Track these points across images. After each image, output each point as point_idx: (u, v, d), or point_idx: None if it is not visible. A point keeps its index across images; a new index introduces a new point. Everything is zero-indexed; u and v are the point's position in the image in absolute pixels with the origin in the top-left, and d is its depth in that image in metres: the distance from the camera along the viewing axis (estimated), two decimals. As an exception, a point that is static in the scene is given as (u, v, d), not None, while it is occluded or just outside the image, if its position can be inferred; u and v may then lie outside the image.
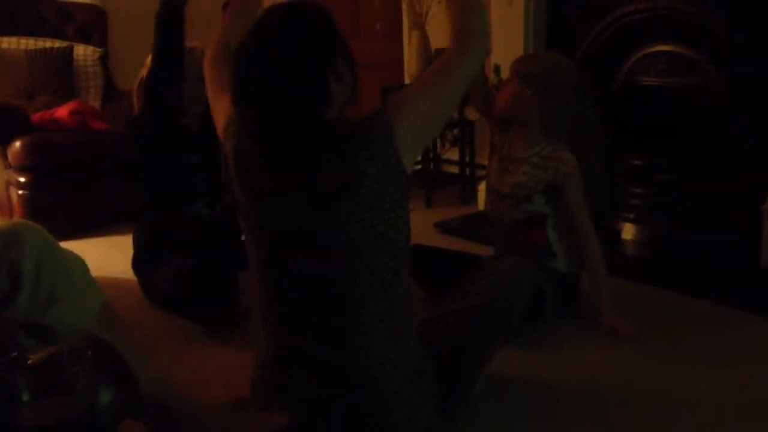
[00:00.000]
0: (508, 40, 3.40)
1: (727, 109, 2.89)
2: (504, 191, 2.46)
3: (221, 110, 1.67)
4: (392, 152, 1.48)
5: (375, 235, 1.49)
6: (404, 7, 4.29)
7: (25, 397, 1.12)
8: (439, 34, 4.22)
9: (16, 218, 3.46)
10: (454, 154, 4.04)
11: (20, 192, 3.49)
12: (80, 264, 1.36)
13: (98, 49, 4.22)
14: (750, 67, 2.78)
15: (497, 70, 3.50)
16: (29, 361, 1.15)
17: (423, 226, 3.45)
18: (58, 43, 4.13)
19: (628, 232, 3.09)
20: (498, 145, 2.55)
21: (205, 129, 2.65)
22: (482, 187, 3.75)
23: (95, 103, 4.06)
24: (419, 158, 3.61)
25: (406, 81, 4.33)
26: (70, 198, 3.58)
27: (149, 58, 2.61)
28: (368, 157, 1.46)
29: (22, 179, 3.48)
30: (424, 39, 4.15)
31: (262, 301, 1.60)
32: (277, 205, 1.53)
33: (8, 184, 3.55)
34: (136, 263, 2.72)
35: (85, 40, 4.26)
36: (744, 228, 2.80)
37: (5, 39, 4.05)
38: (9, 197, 3.56)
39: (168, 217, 2.64)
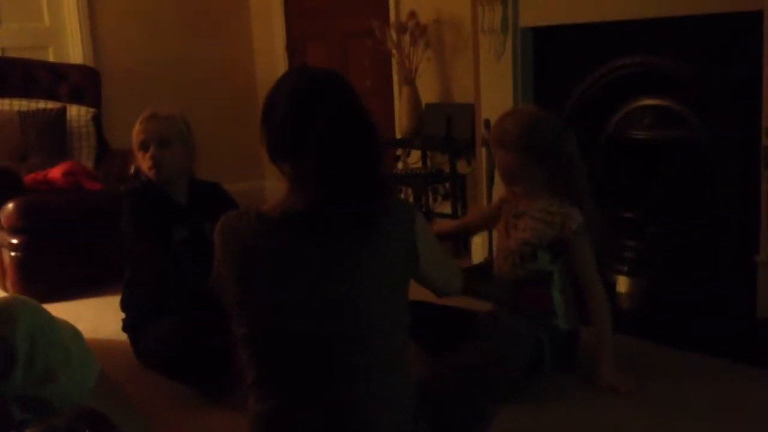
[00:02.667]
0: (497, 96, 3.44)
1: (713, 161, 2.92)
2: (510, 247, 2.46)
3: None
4: (408, 239, 1.57)
5: (378, 304, 1.53)
6: (394, 63, 4.35)
7: (20, 475, 1.11)
8: (428, 90, 4.28)
9: (9, 293, 3.45)
10: (446, 208, 4.05)
11: (12, 254, 3.47)
12: (76, 336, 1.36)
13: (91, 109, 4.25)
14: (733, 121, 2.82)
15: (487, 124, 3.54)
16: (24, 437, 1.14)
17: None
18: (51, 104, 4.15)
19: (622, 284, 3.09)
20: (504, 208, 2.57)
21: (194, 203, 2.65)
22: (476, 241, 3.76)
23: (88, 163, 4.07)
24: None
25: (397, 136, 4.37)
26: (63, 259, 3.56)
27: None
28: (386, 235, 1.54)
29: (14, 241, 3.47)
30: (414, 95, 4.21)
31: (257, 368, 1.60)
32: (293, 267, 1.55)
33: (0, 246, 3.54)
34: (128, 323, 2.69)
35: (79, 100, 4.29)
36: (737, 279, 2.80)
37: (-2, 100, 4.07)
38: (1, 259, 3.55)
39: (157, 291, 2.61)
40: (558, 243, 2.37)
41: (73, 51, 4.77)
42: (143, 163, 2.59)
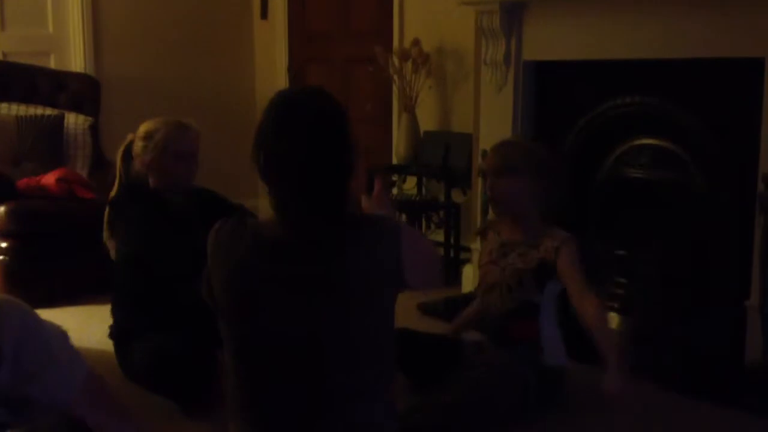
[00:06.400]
0: (496, 127, 3.45)
1: (707, 203, 2.93)
2: (497, 277, 2.45)
3: None
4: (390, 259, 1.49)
5: (365, 332, 1.49)
6: (395, 90, 4.37)
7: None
8: (428, 118, 4.30)
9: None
10: (439, 236, 4.05)
11: (0, 257, 3.45)
12: (62, 336, 1.34)
13: (89, 118, 4.24)
14: (726, 167, 2.84)
15: (485, 155, 3.54)
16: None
17: (405, 307, 3.42)
18: (49, 111, 4.15)
19: (612, 321, 3.09)
20: (489, 239, 2.57)
21: (190, 206, 2.65)
22: (467, 270, 3.76)
23: (83, 171, 4.06)
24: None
25: (394, 162, 4.37)
26: (51, 265, 3.54)
27: (141, 127, 2.62)
28: (366, 255, 1.47)
29: (3, 244, 3.45)
30: (413, 122, 4.22)
31: (240, 397, 1.58)
32: (277, 300, 1.52)
33: (-12, 248, 3.51)
34: (115, 336, 2.66)
35: (78, 108, 4.28)
36: (727, 322, 2.80)
37: (-3, 105, 4.07)
38: (-12, 263, 3.52)
39: (151, 296, 2.59)
40: (544, 267, 2.36)
41: (75, 59, 4.78)
42: (179, 169, 2.59)
